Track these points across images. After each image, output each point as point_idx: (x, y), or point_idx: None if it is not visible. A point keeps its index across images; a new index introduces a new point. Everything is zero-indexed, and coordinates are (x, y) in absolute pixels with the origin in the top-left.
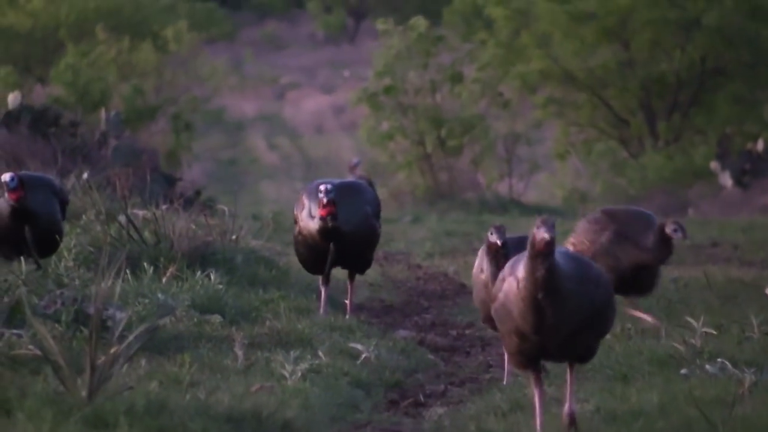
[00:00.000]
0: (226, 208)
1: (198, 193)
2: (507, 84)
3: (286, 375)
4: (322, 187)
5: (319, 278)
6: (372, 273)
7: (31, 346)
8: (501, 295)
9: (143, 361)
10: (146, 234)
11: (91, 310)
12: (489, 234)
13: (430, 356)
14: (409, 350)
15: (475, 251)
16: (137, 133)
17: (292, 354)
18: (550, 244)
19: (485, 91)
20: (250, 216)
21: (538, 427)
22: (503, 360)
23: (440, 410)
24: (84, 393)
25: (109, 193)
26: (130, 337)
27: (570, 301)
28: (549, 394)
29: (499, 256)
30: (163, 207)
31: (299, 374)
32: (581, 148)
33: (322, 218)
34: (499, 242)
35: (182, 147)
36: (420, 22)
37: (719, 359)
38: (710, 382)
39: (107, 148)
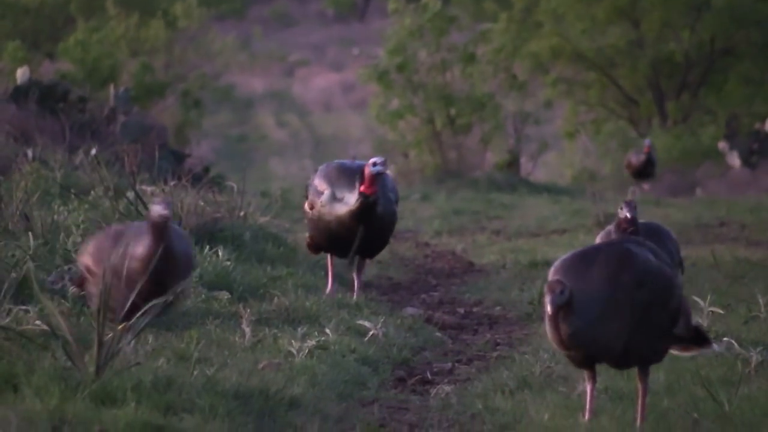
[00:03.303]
0: (234, 185)
1: (206, 169)
2: (518, 63)
3: (294, 352)
4: (374, 160)
5: (327, 256)
6: None
7: (38, 322)
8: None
9: (151, 338)
10: None
11: (99, 287)
12: (620, 209)
13: (438, 334)
14: (416, 328)
15: (483, 229)
16: (146, 110)
17: (300, 331)
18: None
19: (497, 72)
20: (258, 193)
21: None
22: (510, 338)
23: (447, 388)
24: (91, 369)
25: (117, 169)
26: (138, 313)
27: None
28: (557, 371)
29: (629, 233)
30: (172, 183)
31: (306, 351)
32: (590, 128)
33: (364, 195)
34: (629, 216)
35: (191, 124)
36: (433, 1)
37: (726, 338)
38: (717, 361)
39: (116, 124)
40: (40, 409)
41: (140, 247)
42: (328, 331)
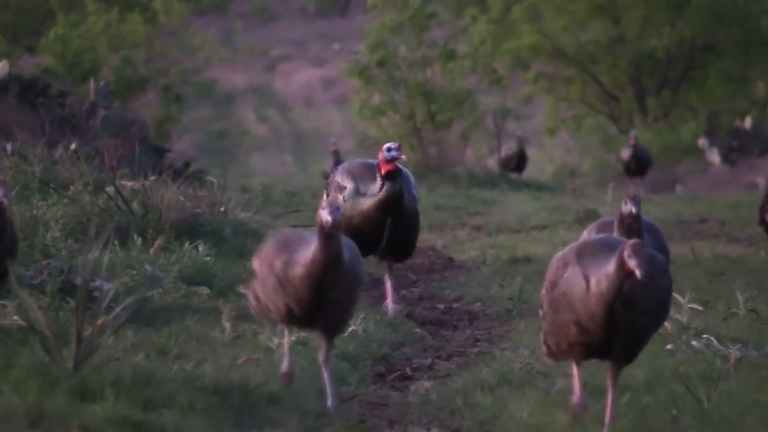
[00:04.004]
0: (215, 180)
1: (187, 164)
2: (498, 60)
3: (273, 348)
4: (389, 145)
5: None
6: None
7: (16, 317)
8: (563, 284)
9: (130, 333)
10: (134, 205)
11: (78, 281)
12: (623, 204)
13: (418, 330)
14: (396, 324)
15: (463, 225)
16: (127, 104)
17: (279, 326)
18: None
19: (477, 67)
20: (239, 188)
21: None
22: (490, 334)
23: (427, 384)
24: (70, 364)
25: (97, 163)
26: (117, 309)
27: (644, 301)
28: (536, 367)
29: (633, 230)
30: (152, 178)
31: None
32: (571, 124)
33: (385, 177)
34: (633, 211)
35: (172, 118)
36: None
37: (705, 335)
38: (696, 357)
39: (96, 118)
40: (18, 404)
41: (305, 252)
42: None
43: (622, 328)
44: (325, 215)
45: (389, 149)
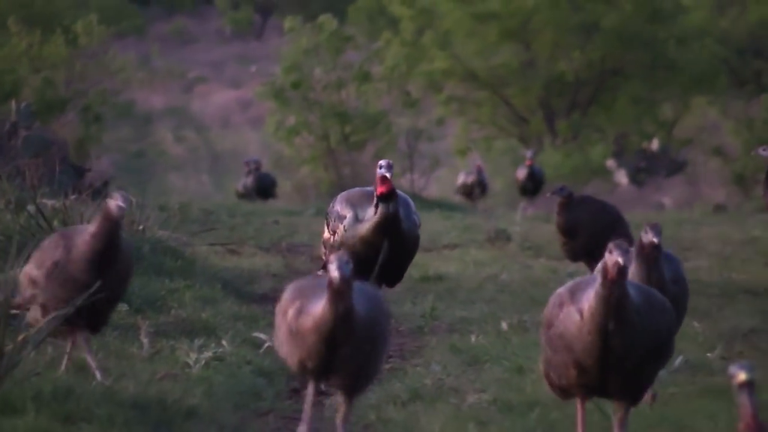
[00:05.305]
0: (133, 199)
1: (106, 183)
2: (412, 82)
3: (191, 363)
4: (381, 162)
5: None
6: (275, 264)
7: None
8: (559, 324)
9: (50, 348)
10: (55, 223)
11: (0, 297)
12: (643, 233)
13: None
14: None
15: None
16: (47, 125)
17: (197, 342)
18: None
19: (391, 89)
20: (157, 207)
21: None
22: (402, 350)
23: (341, 399)
24: None
25: (18, 182)
26: (38, 325)
27: (639, 331)
28: (448, 383)
29: (651, 258)
30: (72, 197)
31: (203, 362)
32: (482, 145)
33: (381, 197)
34: (655, 241)
35: (91, 139)
36: (329, 21)
37: None
38: None
39: (17, 138)
40: None
41: (317, 304)
42: (224, 342)
43: (618, 359)
44: (333, 270)
45: (380, 166)
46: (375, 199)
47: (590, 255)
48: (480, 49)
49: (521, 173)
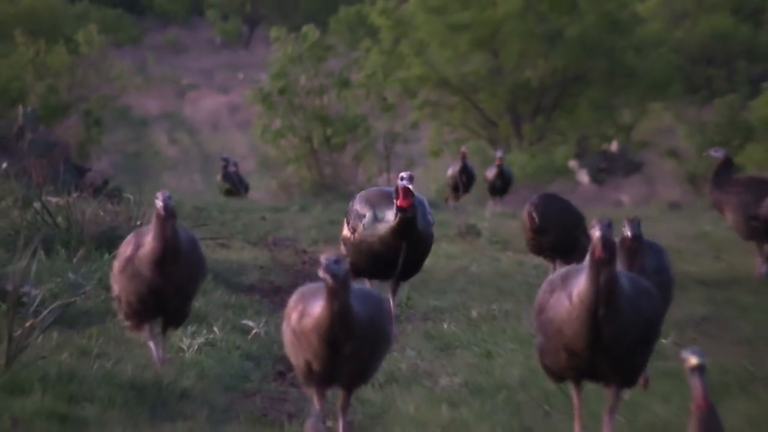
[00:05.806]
0: (131, 197)
1: (106, 182)
2: (389, 88)
3: (184, 348)
4: (402, 174)
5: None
6: (262, 257)
7: None
8: (550, 310)
9: (55, 334)
10: (59, 219)
11: (9, 287)
12: (623, 227)
13: None
14: None
15: None
16: (51, 128)
17: (190, 329)
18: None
19: (369, 95)
20: (152, 204)
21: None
22: None
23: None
24: (2, 362)
25: (25, 181)
26: (44, 312)
27: (628, 315)
28: (422, 367)
29: (632, 252)
30: (74, 195)
31: (196, 347)
32: (453, 147)
33: (400, 208)
34: (630, 234)
35: (92, 141)
36: (312, 32)
37: None
38: None
39: (24, 141)
40: None
41: (317, 305)
42: (215, 329)
43: (607, 344)
44: (322, 273)
45: (401, 178)
46: (395, 207)
47: (556, 250)
48: (452, 57)
49: (491, 173)
